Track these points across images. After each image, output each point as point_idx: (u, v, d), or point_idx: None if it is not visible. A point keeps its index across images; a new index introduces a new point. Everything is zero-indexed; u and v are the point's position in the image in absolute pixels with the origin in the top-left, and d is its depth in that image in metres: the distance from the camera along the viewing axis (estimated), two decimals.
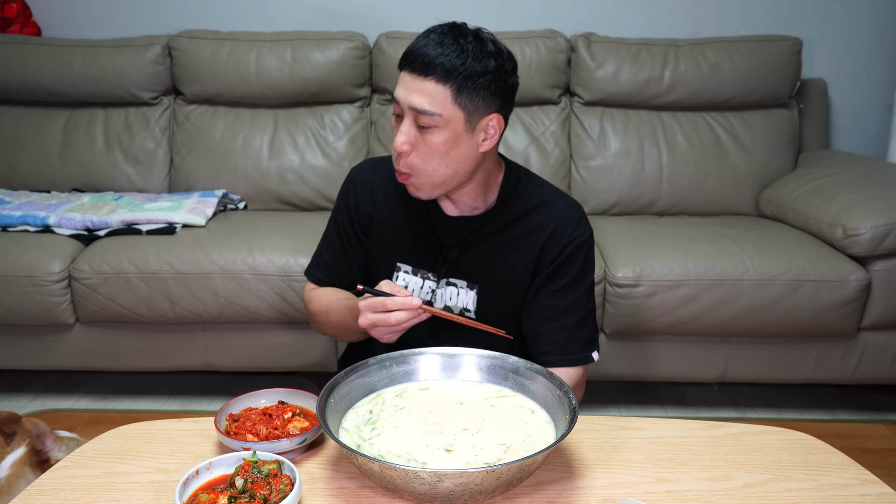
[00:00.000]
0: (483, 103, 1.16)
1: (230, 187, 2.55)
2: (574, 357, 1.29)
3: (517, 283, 1.30)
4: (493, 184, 1.29)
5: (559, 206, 1.30)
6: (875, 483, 0.97)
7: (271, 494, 0.88)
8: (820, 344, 2.12)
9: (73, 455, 1.04)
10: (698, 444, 1.06)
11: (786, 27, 2.71)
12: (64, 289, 2.08)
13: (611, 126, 2.57)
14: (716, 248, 2.10)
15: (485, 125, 1.18)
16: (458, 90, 1.13)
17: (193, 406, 2.29)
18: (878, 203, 2.09)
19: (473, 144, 1.19)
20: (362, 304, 1.17)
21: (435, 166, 1.18)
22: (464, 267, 1.31)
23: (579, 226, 1.28)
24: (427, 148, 1.17)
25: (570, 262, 1.28)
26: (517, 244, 1.29)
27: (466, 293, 1.31)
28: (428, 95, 1.13)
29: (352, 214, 1.37)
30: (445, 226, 1.31)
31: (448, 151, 1.17)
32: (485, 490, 0.85)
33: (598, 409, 2.28)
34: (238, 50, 2.54)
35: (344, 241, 1.39)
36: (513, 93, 1.21)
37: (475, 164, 1.21)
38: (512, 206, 1.29)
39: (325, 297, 1.40)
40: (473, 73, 1.13)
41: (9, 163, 2.58)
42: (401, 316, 1.14)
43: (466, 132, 1.17)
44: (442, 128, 1.15)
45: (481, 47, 1.14)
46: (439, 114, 1.14)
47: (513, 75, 1.19)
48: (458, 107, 1.14)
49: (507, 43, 1.24)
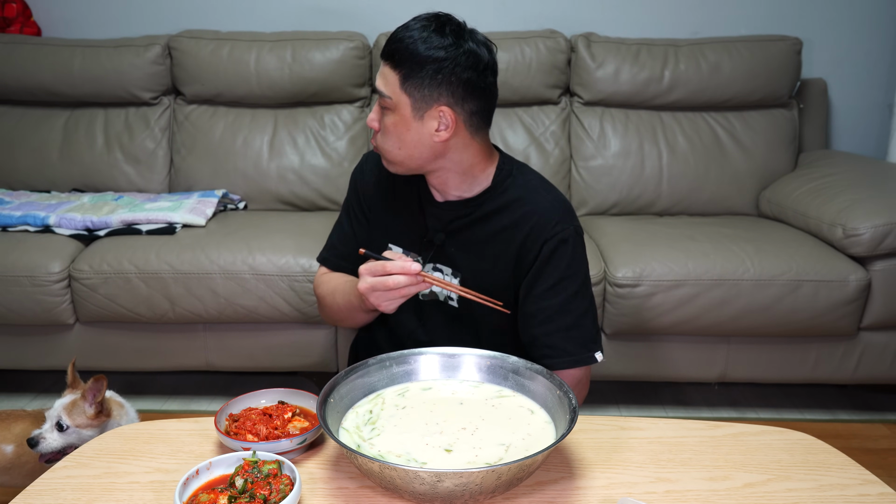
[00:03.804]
0: (429, 93, 1.18)
1: (230, 187, 2.55)
2: (573, 358, 1.27)
3: (499, 275, 1.30)
4: (480, 174, 1.30)
5: (542, 200, 1.29)
6: (875, 483, 0.97)
7: (271, 494, 0.87)
8: (820, 344, 2.12)
9: (74, 455, 1.04)
10: (698, 444, 1.06)
11: (786, 27, 2.71)
12: (64, 289, 2.08)
13: (611, 126, 2.57)
14: (716, 248, 2.10)
15: (435, 115, 1.20)
16: (405, 77, 1.18)
17: (193, 406, 2.29)
18: (878, 203, 2.09)
19: (425, 132, 1.21)
20: (363, 267, 1.20)
21: (389, 146, 1.24)
22: (450, 254, 1.32)
23: (561, 222, 1.26)
24: (384, 128, 1.23)
25: (555, 260, 1.26)
26: (499, 235, 1.29)
27: (451, 280, 1.32)
28: (384, 78, 1.21)
29: (359, 193, 1.43)
30: (433, 210, 1.33)
31: (400, 134, 1.22)
32: (485, 490, 0.85)
33: (598, 409, 2.28)
34: (238, 50, 2.54)
35: (353, 220, 1.44)
36: (472, 89, 1.19)
37: (432, 151, 1.23)
38: (498, 197, 1.30)
39: (332, 280, 1.44)
40: (419, 61, 1.16)
41: (9, 163, 2.58)
42: (399, 280, 1.15)
43: (414, 119, 1.20)
44: (393, 111, 1.21)
45: (438, 38, 1.17)
46: (389, 97, 1.20)
47: (469, 71, 1.18)
48: (405, 93, 1.19)
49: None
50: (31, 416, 1.57)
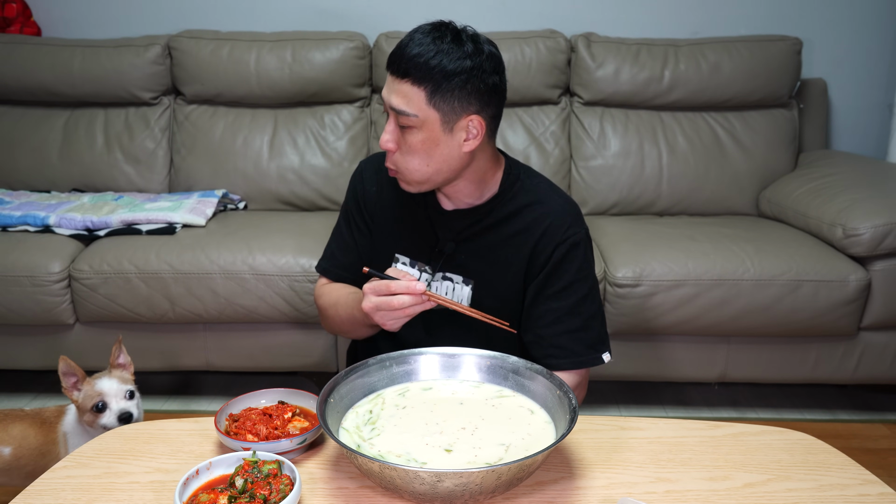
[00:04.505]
0: (459, 104, 1.16)
1: (230, 187, 2.55)
2: (579, 360, 1.27)
3: (511, 280, 1.30)
4: (490, 180, 1.29)
5: (554, 204, 1.29)
6: (875, 483, 0.97)
7: (271, 494, 0.87)
8: (820, 344, 2.12)
9: (73, 455, 1.04)
10: (698, 444, 1.06)
11: (786, 27, 2.71)
12: (64, 289, 2.08)
13: (611, 126, 2.57)
14: (716, 248, 2.10)
15: (464, 126, 1.18)
16: (432, 92, 1.14)
17: (193, 406, 2.29)
18: (878, 203, 2.09)
19: (454, 144, 1.19)
20: (367, 286, 1.18)
21: (416, 165, 1.20)
22: (460, 262, 1.31)
23: (573, 225, 1.27)
24: (408, 147, 1.19)
25: (567, 263, 1.27)
26: (511, 240, 1.29)
27: (462, 289, 1.32)
28: (405, 97, 1.16)
29: (360, 203, 1.40)
30: (442, 219, 1.32)
31: (428, 151, 1.19)
32: (485, 490, 0.85)
33: (598, 409, 2.28)
34: (238, 50, 2.54)
35: (353, 229, 1.42)
36: (495, 93, 1.19)
37: (460, 163, 1.22)
38: (508, 202, 1.29)
39: (334, 291, 1.42)
40: (447, 74, 1.13)
41: (9, 163, 2.58)
42: (404, 300, 1.14)
43: (444, 133, 1.17)
44: (419, 128, 1.17)
45: (458, 48, 1.14)
46: (415, 115, 1.16)
47: (493, 75, 1.18)
48: (434, 108, 1.15)
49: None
50: (30, 416, 1.54)
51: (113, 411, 1.45)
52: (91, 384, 1.46)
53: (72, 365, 1.45)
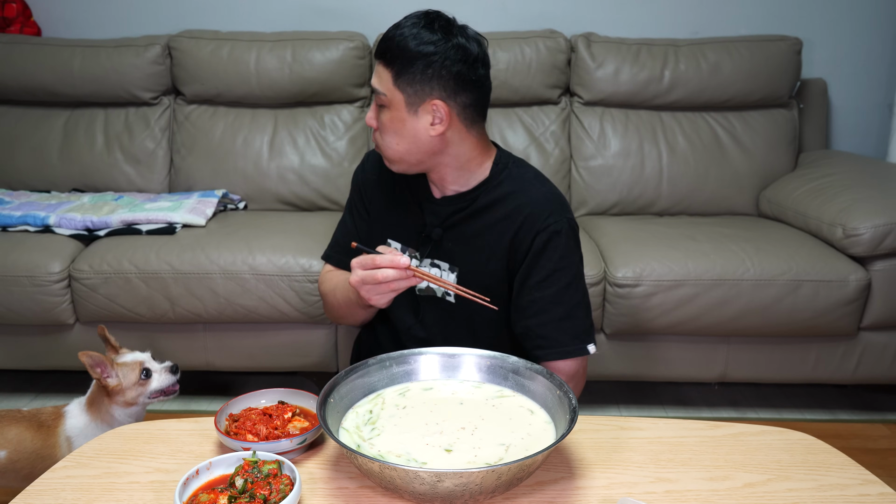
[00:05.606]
0: (421, 88, 1.21)
1: (230, 187, 2.55)
2: (565, 350, 1.28)
3: (494, 268, 1.31)
4: (477, 169, 1.31)
5: (536, 193, 1.30)
6: (875, 483, 0.97)
7: (271, 494, 0.88)
8: (820, 344, 2.12)
9: (73, 455, 1.04)
10: (698, 444, 1.06)
11: (786, 27, 2.71)
12: (64, 289, 2.08)
13: (611, 126, 2.57)
14: (716, 248, 2.10)
15: (429, 109, 1.22)
16: (397, 73, 1.21)
17: (193, 406, 2.29)
18: (878, 203, 2.09)
19: (421, 127, 1.23)
20: (354, 261, 1.22)
21: (389, 142, 1.27)
22: (447, 249, 1.34)
23: (554, 214, 1.27)
24: (382, 124, 1.26)
25: (548, 252, 1.27)
26: (494, 227, 1.30)
27: (448, 276, 1.34)
28: (378, 76, 1.24)
29: (361, 189, 1.46)
30: (431, 206, 1.35)
31: (397, 130, 1.25)
32: (485, 490, 0.85)
33: (598, 409, 2.28)
34: (238, 50, 2.54)
35: (355, 216, 1.47)
36: (462, 82, 1.21)
37: (431, 145, 1.25)
38: (492, 190, 1.31)
39: (335, 277, 1.47)
40: (409, 58, 1.19)
41: (9, 163, 2.58)
42: (388, 273, 1.16)
43: (409, 114, 1.23)
44: (388, 107, 1.24)
45: (427, 35, 1.19)
46: (384, 94, 1.23)
47: (459, 64, 1.20)
48: (398, 89, 1.22)
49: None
50: (27, 418, 1.51)
51: (159, 369, 1.47)
52: (122, 361, 1.49)
53: (95, 356, 1.45)
